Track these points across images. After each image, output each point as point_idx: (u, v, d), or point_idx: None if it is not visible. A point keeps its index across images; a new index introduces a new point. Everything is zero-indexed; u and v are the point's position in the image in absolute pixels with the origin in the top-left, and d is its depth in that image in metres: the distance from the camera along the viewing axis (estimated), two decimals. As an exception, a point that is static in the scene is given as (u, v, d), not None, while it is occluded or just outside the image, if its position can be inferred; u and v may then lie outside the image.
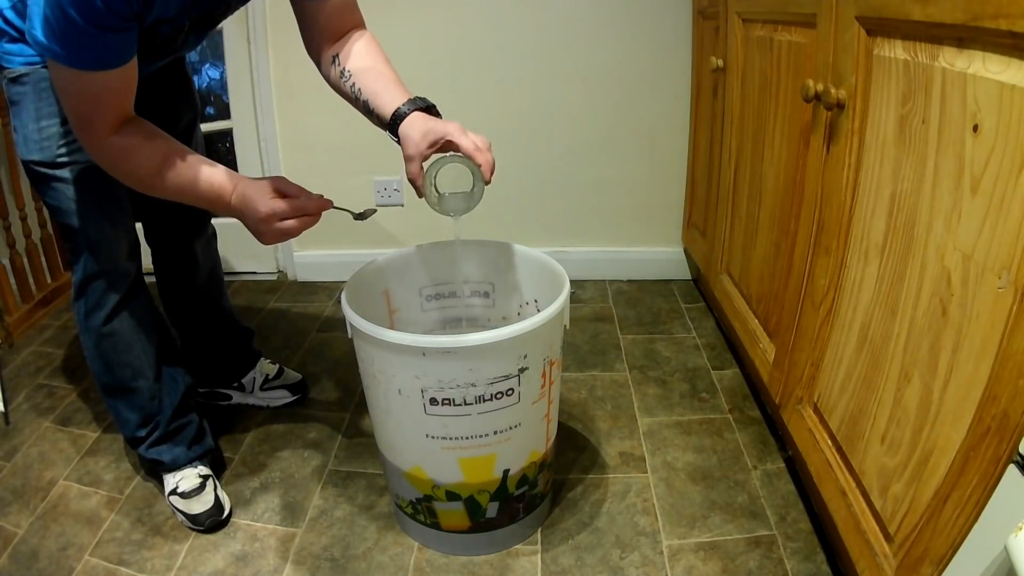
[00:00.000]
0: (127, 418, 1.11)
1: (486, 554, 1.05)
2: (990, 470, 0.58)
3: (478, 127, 2.01)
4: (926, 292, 0.70)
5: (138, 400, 1.10)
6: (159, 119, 1.08)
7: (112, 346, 1.06)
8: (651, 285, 1.97)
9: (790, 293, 1.08)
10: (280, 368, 1.43)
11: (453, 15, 1.74)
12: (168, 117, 1.10)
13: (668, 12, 1.72)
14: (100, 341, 1.06)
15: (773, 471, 1.21)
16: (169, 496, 1.12)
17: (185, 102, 1.17)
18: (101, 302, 1.03)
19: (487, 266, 1.15)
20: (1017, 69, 0.56)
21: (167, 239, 1.24)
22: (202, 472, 1.14)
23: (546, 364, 0.93)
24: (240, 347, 1.38)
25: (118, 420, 1.13)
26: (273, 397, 1.41)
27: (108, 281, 1.03)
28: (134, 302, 1.07)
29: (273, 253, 2.08)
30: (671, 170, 1.89)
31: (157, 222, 1.22)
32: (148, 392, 1.10)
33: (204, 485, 1.12)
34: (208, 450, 1.18)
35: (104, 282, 1.03)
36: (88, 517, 1.13)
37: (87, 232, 0.99)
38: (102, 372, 1.09)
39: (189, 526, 1.10)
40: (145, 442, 1.12)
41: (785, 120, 1.11)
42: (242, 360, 1.39)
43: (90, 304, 1.04)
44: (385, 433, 1.00)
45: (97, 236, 1.00)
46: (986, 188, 0.60)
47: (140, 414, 1.11)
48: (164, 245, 1.24)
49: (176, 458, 1.13)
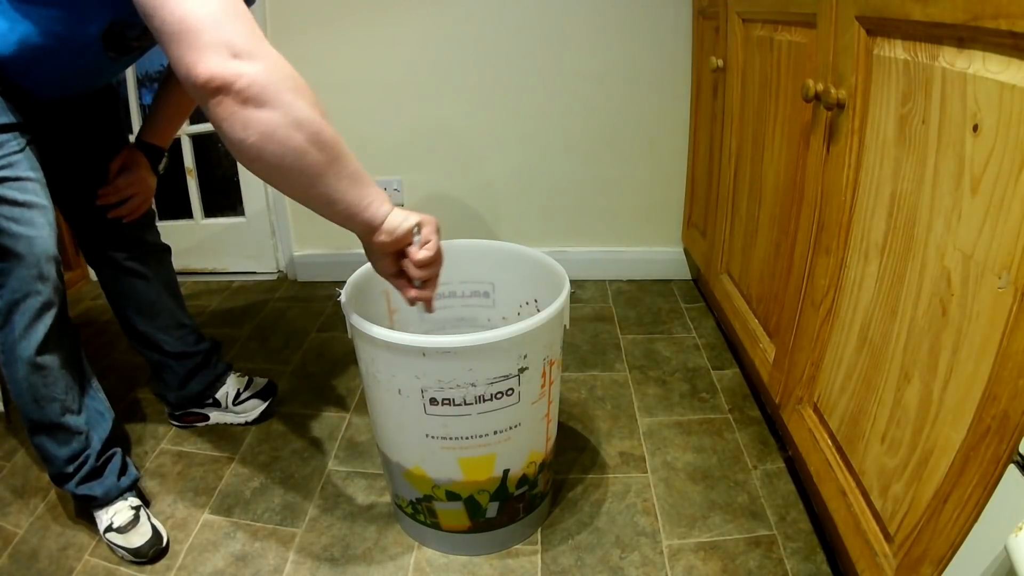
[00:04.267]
0: (54, 455, 1.03)
1: (486, 554, 1.05)
2: (990, 470, 0.58)
3: (478, 127, 2.02)
4: (926, 292, 0.70)
5: (65, 436, 1.02)
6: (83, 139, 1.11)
7: (43, 379, 0.97)
8: (651, 285, 1.97)
9: (790, 293, 1.08)
10: (249, 379, 1.39)
11: (453, 15, 1.74)
12: (89, 139, 1.11)
13: (668, 12, 1.72)
14: (31, 373, 0.96)
15: (773, 471, 1.21)
16: (105, 534, 1.06)
17: (109, 126, 1.15)
18: (31, 329, 0.94)
19: (487, 266, 1.15)
20: (1017, 69, 0.56)
21: (112, 256, 1.19)
22: (132, 503, 1.09)
23: (546, 364, 0.93)
24: (207, 359, 1.33)
25: (44, 457, 1.04)
26: (247, 409, 1.37)
27: (39, 305, 0.93)
28: (64, 328, 0.99)
29: (273, 253, 2.08)
30: (671, 170, 1.89)
31: (97, 237, 1.18)
32: (75, 427, 1.03)
33: (138, 516, 1.07)
34: (135, 479, 1.12)
35: (34, 305, 0.93)
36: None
37: (15, 247, 0.90)
38: (31, 408, 0.99)
39: (132, 560, 1.04)
40: (74, 479, 1.05)
41: (785, 120, 1.11)
42: (212, 373, 1.34)
43: (19, 331, 0.94)
44: (385, 433, 1.00)
45: (25, 252, 0.90)
46: (986, 188, 0.60)
47: (68, 450, 1.03)
48: (110, 263, 1.20)
49: (108, 491, 1.07)
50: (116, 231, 1.17)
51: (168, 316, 1.26)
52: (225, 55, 0.65)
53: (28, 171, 0.90)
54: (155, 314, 1.24)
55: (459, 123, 1.86)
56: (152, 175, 1.18)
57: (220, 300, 1.96)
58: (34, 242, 0.90)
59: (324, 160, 0.72)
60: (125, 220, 1.16)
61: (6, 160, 0.88)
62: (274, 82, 0.67)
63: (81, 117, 1.09)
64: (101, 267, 1.21)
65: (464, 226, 1.98)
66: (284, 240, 2.04)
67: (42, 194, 0.91)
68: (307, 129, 0.69)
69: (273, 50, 0.70)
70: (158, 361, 1.29)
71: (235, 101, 0.66)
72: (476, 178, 1.93)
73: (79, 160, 1.11)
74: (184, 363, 1.30)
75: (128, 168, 1.14)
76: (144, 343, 1.27)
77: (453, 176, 1.93)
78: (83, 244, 1.20)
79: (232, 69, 0.65)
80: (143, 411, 1.43)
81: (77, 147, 1.10)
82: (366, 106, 1.84)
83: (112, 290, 1.23)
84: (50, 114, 1.03)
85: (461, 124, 1.87)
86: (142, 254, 1.21)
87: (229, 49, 0.65)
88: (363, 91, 1.82)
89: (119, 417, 1.40)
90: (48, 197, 0.93)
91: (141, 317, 1.24)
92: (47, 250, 0.91)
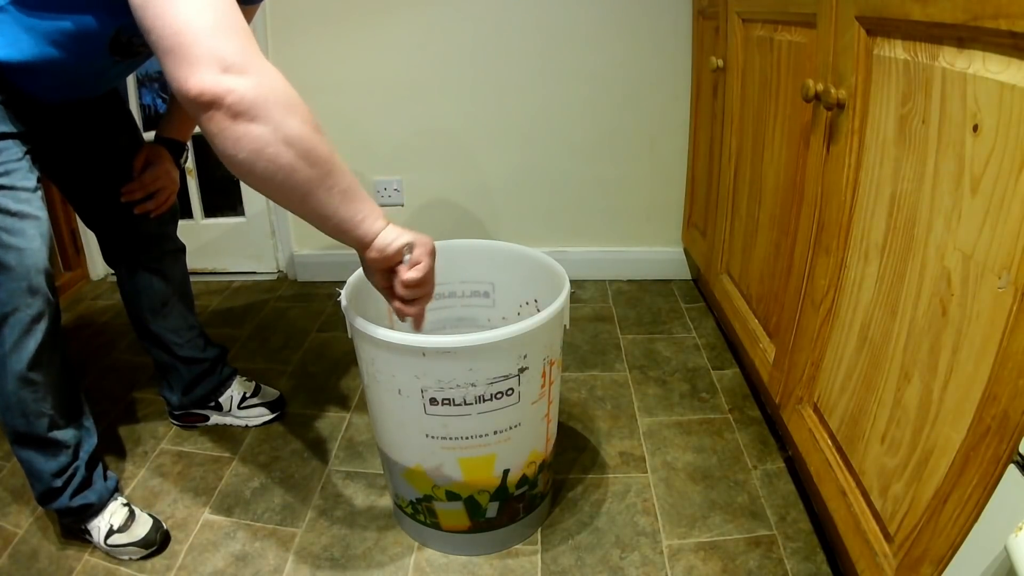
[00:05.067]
0: (41, 469, 1.00)
1: (486, 554, 1.05)
2: (990, 470, 0.58)
3: (478, 127, 2.02)
4: (926, 292, 0.70)
5: (53, 450, 1.00)
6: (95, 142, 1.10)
7: (32, 394, 0.95)
8: (651, 285, 1.97)
9: (790, 293, 1.08)
10: (257, 385, 1.40)
11: (453, 15, 1.74)
12: (103, 140, 1.11)
13: (668, 12, 1.72)
14: (21, 387, 0.94)
15: (773, 471, 1.21)
16: (106, 540, 1.04)
17: (120, 126, 1.15)
18: (21, 343, 0.92)
19: (487, 266, 1.15)
20: (1017, 69, 0.56)
21: (132, 255, 1.20)
22: (123, 501, 1.09)
23: (546, 364, 0.93)
24: (214, 365, 1.33)
25: (31, 473, 1.01)
26: (251, 415, 1.37)
27: (28, 319, 0.91)
28: (56, 342, 0.96)
29: (273, 253, 2.08)
30: (671, 170, 1.89)
31: (118, 237, 1.18)
32: (64, 441, 1.01)
33: (132, 511, 1.07)
34: (117, 479, 1.12)
35: (24, 319, 0.91)
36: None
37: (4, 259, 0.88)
38: (19, 421, 0.97)
39: (143, 554, 1.04)
40: (65, 492, 1.02)
41: (785, 120, 1.11)
42: (217, 379, 1.34)
43: (8, 345, 0.91)
44: (385, 433, 1.00)
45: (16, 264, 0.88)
46: (986, 188, 0.60)
47: (56, 463, 1.00)
48: (130, 262, 1.20)
49: (101, 495, 1.06)
50: (137, 228, 1.18)
51: (179, 317, 1.27)
52: (216, 70, 0.66)
53: (25, 181, 0.89)
54: (167, 313, 1.25)
55: (459, 123, 1.86)
56: (175, 168, 1.19)
57: (220, 300, 1.96)
58: (25, 254, 0.88)
59: (315, 176, 0.72)
60: (152, 215, 1.16)
61: (4, 168, 0.87)
62: (265, 98, 0.67)
63: (90, 119, 1.09)
64: (119, 265, 1.22)
65: (464, 226, 1.98)
66: (284, 240, 2.04)
67: (37, 205, 0.90)
68: (298, 146, 0.70)
69: (267, 64, 0.70)
70: (166, 363, 1.29)
71: (225, 116, 0.66)
72: (476, 178, 1.93)
73: (93, 161, 1.11)
74: (192, 368, 1.30)
75: (152, 163, 1.15)
76: (155, 343, 1.27)
77: (453, 176, 1.93)
78: (103, 243, 1.21)
79: (223, 84, 0.66)
80: (143, 411, 1.43)
81: (90, 148, 1.10)
82: (366, 106, 1.84)
83: (128, 288, 1.23)
84: (58, 118, 1.03)
85: (461, 124, 1.87)
86: (161, 252, 1.22)
87: (220, 64, 0.66)
88: (363, 91, 1.82)
89: (119, 417, 1.41)
90: (44, 208, 0.91)
91: (154, 316, 1.24)
92: (38, 263, 0.89)
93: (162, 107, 2.30)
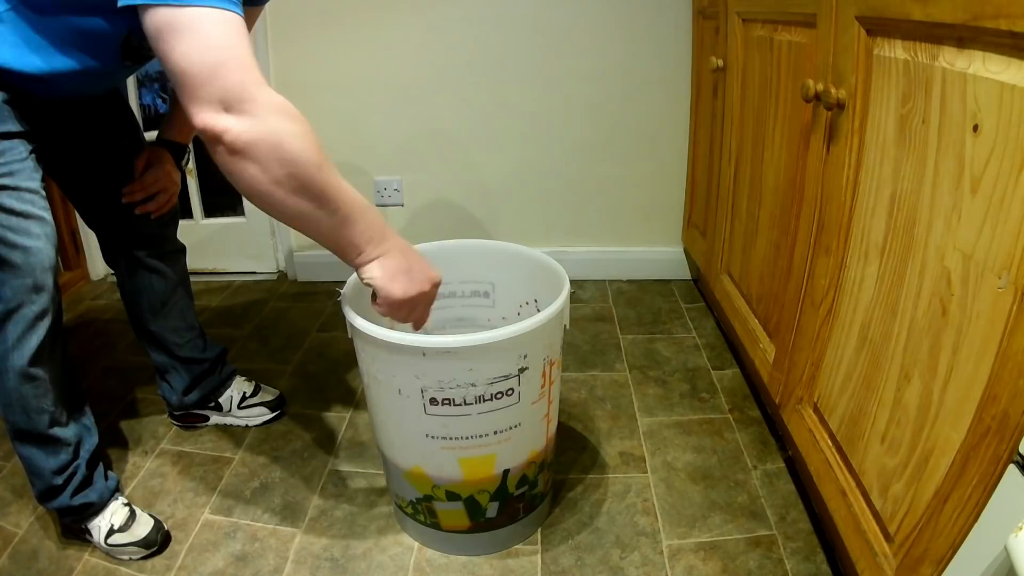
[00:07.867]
0: (42, 466, 1.00)
1: (486, 554, 1.05)
2: (990, 470, 0.58)
3: (478, 127, 2.02)
4: (926, 292, 0.70)
5: (54, 447, 1.00)
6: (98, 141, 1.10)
7: (34, 390, 0.96)
8: (651, 285, 1.97)
9: (790, 293, 1.08)
10: (257, 385, 1.40)
11: (453, 16, 1.74)
12: (105, 140, 1.11)
13: (668, 12, 1.73)
14: (23, 383, 0.95)
15: (773, 471, 1.21)
16: (107, 540, 1.04)
17: (122, 126, 1.15)
18: (24, 339, 0.92)
19: (487, 266, 1.15)
20: (1017, 69, 0.56)
21: (132, 255, 1.19)
22: (123, 501, 1.09)
23: (546, 364, 0.93)
24: (214, 366, 1.33)
25: (31, 470, 1.01)
26: (251, 415, 1.37)
27: (32, 315, 0.92)
28: (58, 340, 0.97)
29: (273, 253, 2.08)
30: (671, 170, 1.89)
31: (119, 236, 1.18)
32: (64, 439, 1.01)
33: (133, 510, 1.07)
34: (117, 479, 1.12)
35: (28, 316, 0.91)
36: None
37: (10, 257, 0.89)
38: (20, 418, 0.97)
39: (144, 554, 1.04)
40: (66, 490, 1.02)
41: (785, 120, 1.11)
42: (217, 379, 1.34)
43: (11, 341, 0.92)
44: (385, 433, 1.00)
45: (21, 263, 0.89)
46: (986, 188, 0.60)
47: (57, 461, 1.01)
48: (129, 262, 1.20)
49: (102, 494, 1.06)
50: (137, 228, 1.18)
51: (179, 316, 1.27)
52: (217, 108, 0.70)
53: (29, 181, 0.89)
54: (167, 313, 1.25)
55: (459, 123, 1.86)
56: (177, 170, 1.19)
57: (220, 300, 1.96)
58: (30, 252, 0.89)
59: (309, 208, 0.77)
60: (153, 216, 1.17)
61: (8, 168, 0.87)
62: (260, 138, 0.71)
63: (93, 118, 1.09)
64: (119, 264, 1.22)
65: (464, 226, 1.98)
66: (284, 240, 2.04)
67: (41, 205, 0.91)
68: (290, 184, 0.74)
69: (268, 97, 0.72)
70: (165, 364, 1.29)
71: (226, 151, 0.71)
72: (476, 178, 1.93)
73: (95, 160, 1.11)
74: (192, 369, 1.30)
75: (153, 165, 1.15)
76: (154, 343, 1.27)
77: (453, 176, 1.93)
78: (103, 243, 1.21)
79: (221, 124, 0.70)
80: (143, 411, 1.43)
81: (92, 148, 1.10)
82: (367, 106, 1.84)
83: (128, 287, 1.23)
84: (61, 116, 1.03)
85: (461, 124, 1.87)
86: (161, 252, 1.22)
87: (222, 103, 0.69)
88: (364, 91, 1.82)
89: (119, 417, 1.41)
90: (48, 208, 0.92)
91: (153, 315, 1.24)
92: (43, 261, 0.91)
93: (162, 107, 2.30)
